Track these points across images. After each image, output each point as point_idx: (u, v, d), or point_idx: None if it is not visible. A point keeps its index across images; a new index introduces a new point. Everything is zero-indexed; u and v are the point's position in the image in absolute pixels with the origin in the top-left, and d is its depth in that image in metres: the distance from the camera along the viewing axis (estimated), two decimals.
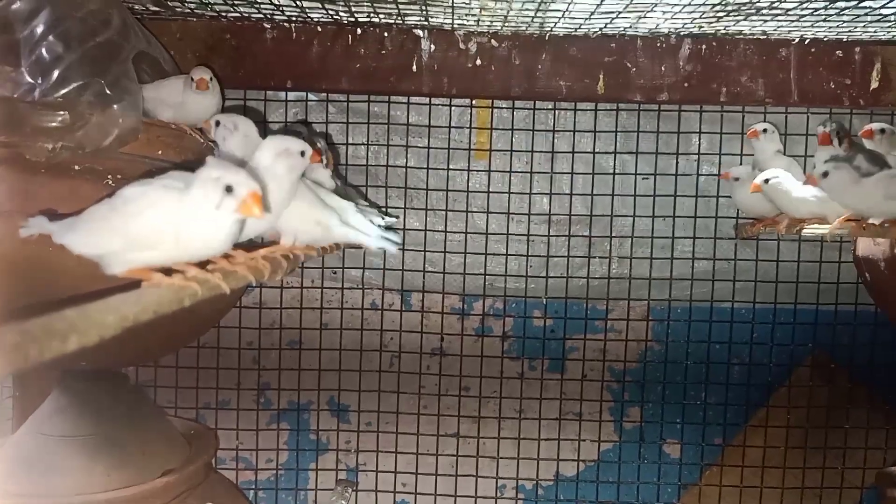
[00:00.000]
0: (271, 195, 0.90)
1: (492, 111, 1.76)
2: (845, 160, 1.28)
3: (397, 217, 1.73)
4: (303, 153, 0.95)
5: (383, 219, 1.43)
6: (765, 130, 1.51)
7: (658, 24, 1.42)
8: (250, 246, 1.00)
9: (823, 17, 1.33)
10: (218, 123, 1.13)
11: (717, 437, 1.82)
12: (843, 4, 1.25)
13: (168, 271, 0.76)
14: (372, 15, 1.42)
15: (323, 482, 1.83)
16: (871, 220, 1.31)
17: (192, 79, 1.25)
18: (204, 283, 0.76)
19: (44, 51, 1.05)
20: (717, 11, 1.31)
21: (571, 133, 1.75)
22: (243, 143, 1.10)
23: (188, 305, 0.71)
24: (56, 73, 1.04)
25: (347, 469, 1.84)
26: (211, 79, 1.26)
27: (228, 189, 0.74)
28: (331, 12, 1.41)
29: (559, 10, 1.33)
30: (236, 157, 1.06)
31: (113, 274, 0.75)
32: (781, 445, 1.79)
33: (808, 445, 1.78)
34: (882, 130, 1.41)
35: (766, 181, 1.40)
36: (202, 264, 0.80)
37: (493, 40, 1.51)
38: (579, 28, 1.46)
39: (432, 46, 1.51)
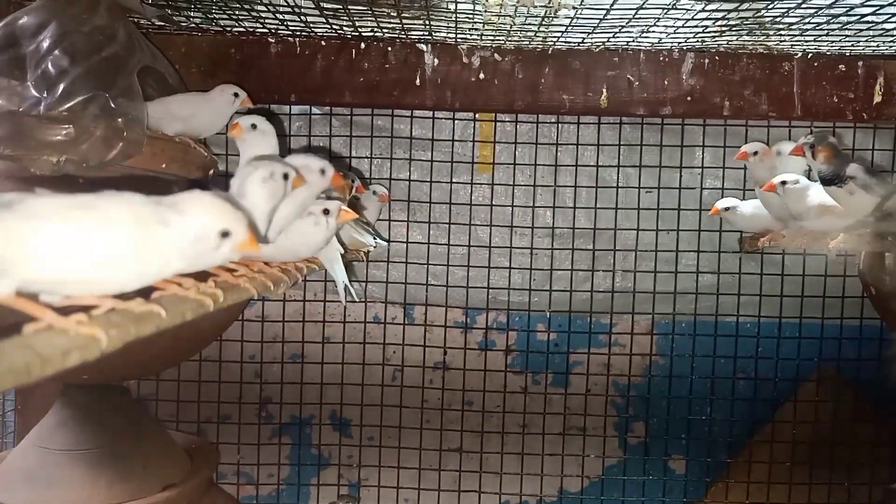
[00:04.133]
0: (287, 212, 0.95)
1: (495, 124, 1.76)
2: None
3: (387, 241, 1.74)
4: (323, 171, 1.00)
5: (375, 239, 1.44)
6: (756, 153, 1.51)
7: (661, 39, 1.43)
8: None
9: (826, 31, 1.33)
10: (255, 126, 1.11)
11: (723, 452, 1.81)
12: (845, 20, 1.25)
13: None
14: (375, 29, 1.43)
15: (325, 497, 1.81)
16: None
17: (237, 94, 1.27)
18: (209, 295, 0.75)
19: (49, 65, 1.05)
20: (721, 26, 1.32)
21: (575, 146, 1.75)
22: (268, 147, 1.12)
23: (190, 319, 0.71)
24: (61, 87, 1.04)
25: (349, 484, 1.82)
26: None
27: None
28: (335, 27, 1.42)
29: (562, 25, 1.33)
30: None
31: None
32: (787, 461, 1.77)
33: (814, 461, 1.76)
34: (756, 153, 1.49)
35: (784, 183, 1.38)
36: (203, 277, 0.80)
37: (496, 54, 1.52)
38: (582, 42, 1.47)
39: (436, 60, 1.52)
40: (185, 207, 0.62)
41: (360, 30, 1.43)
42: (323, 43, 1.51)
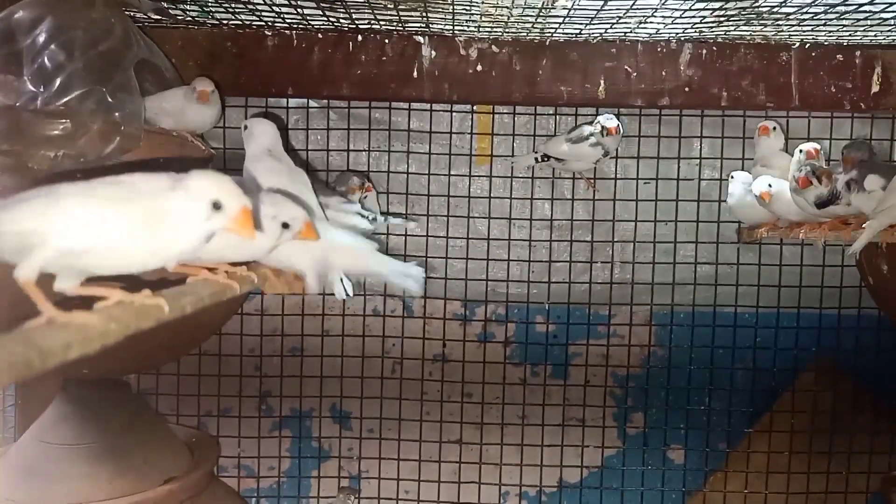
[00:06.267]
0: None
1: (493, 117, 1.76)
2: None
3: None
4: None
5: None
6: (774, 128, 1.54)
7: (658, 30, 1.42)
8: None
9: (824, 21, 1.33)
10: (246, 128, 1.16)
11: (722, 442, 1.81)
12: (842, 9, 1.25)
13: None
14: (373, 22, 1.42)
15: (325, 490, 1.82)
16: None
17: (195, 89, 1.27)
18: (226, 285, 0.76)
19: (46, 60, 1.05)
20: (718, 16, 1.31)
21: None
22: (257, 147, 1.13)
23: (189, 313, 0.71)
24: (58, 82, 1.04)
25: (350, 476, 1.83)
26: (212, 91, 1.29)
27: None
28: (331, 19, 1.41)
29: (559, 16, 1.33)
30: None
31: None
32: (786, 451, 1.78)
33: (813, 450, 1.77)
34: (775, 128, 1.51)
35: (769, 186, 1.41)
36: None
37: (493, 46, 1.52)
38: (580, 33, 1.46)
39: (433, 52, 1.51)
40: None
41: (357, 22, 1.43)
42: (320, 36, 1.51)
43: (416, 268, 1.08)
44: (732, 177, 1.59)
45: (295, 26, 1.48)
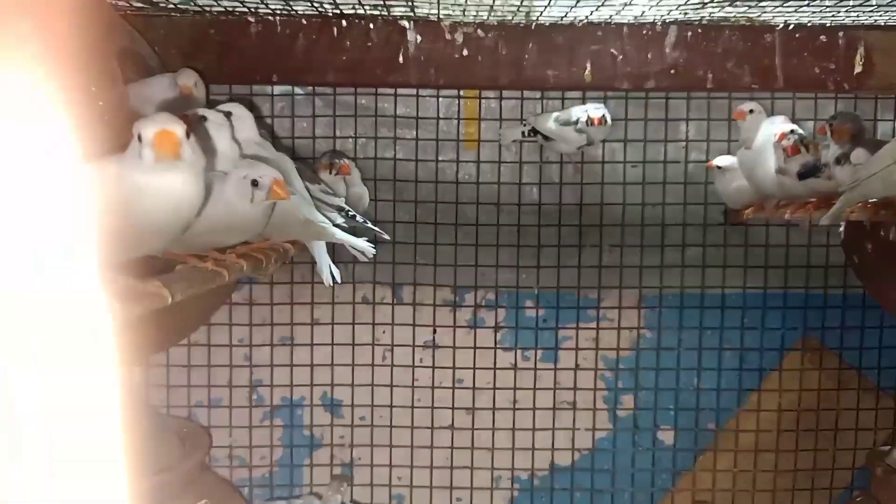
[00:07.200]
0: None
1: (479, 101, 1.75)
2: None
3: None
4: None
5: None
6: (751, 111, 1.53)
7: (644, 12, 1.42)
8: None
9: (807, 2, 1.33)
10: (204, 118, 1.11)
11: (711, 422, 1.83)
12: None
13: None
14: (357, 7, 1.41)
15: (318, 478, 1.82)
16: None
17: (177, 83, 1.25)
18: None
19: None
20: None
21: None
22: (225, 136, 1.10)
23: (178, 300, 0.70)
24: None
25: (342, 464, 1.83)
26: (195, 84, 1.26)
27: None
28: (315, 5, 1.40)
29: None
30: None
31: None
32: (774, 429, 1.80)
33: (800, 428, 1.80)
34: (751, 111, 1.48)
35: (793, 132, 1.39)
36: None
37: (479, 30, 1.51)
38: (565, 17, 1.46)
39: (419, 38, 1.51)
40: None
41: (341, 7, 1.42)
42: (304, 22, 1.50)
43: (368, 245, 1.24)
44: (720, 167, 1.59)
45: (279, 12, 1.46)
